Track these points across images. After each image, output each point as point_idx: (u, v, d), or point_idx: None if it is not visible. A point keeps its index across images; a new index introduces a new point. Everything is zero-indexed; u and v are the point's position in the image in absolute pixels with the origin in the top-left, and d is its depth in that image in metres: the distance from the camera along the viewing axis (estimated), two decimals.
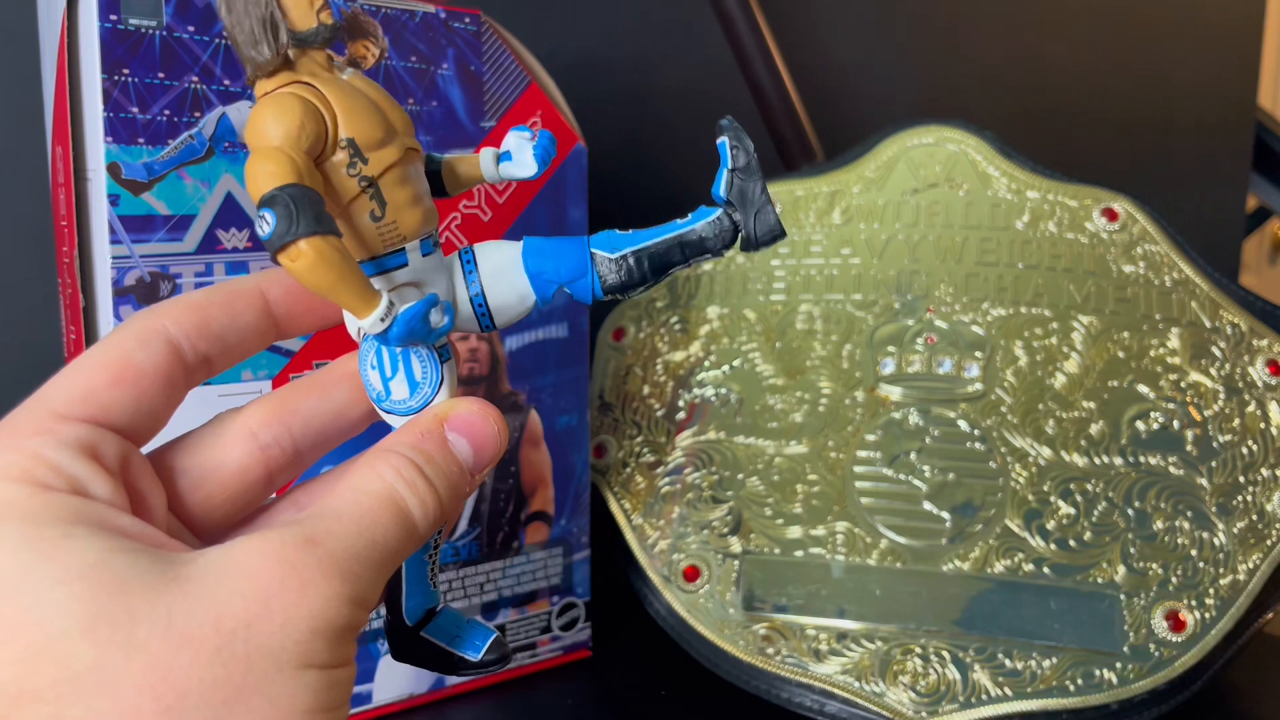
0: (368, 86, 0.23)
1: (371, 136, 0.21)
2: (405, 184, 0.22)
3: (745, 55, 0.58)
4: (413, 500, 0.21)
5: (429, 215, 0.23)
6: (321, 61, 0.22)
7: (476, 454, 0.23)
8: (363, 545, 0.20)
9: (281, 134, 0.20)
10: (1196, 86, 0.84)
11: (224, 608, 0.18)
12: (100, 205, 0.31)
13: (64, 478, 0.19)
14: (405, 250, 0.23)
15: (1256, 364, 0.41)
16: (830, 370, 0.43)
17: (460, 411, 0.23)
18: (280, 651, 0.18)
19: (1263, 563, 0.38)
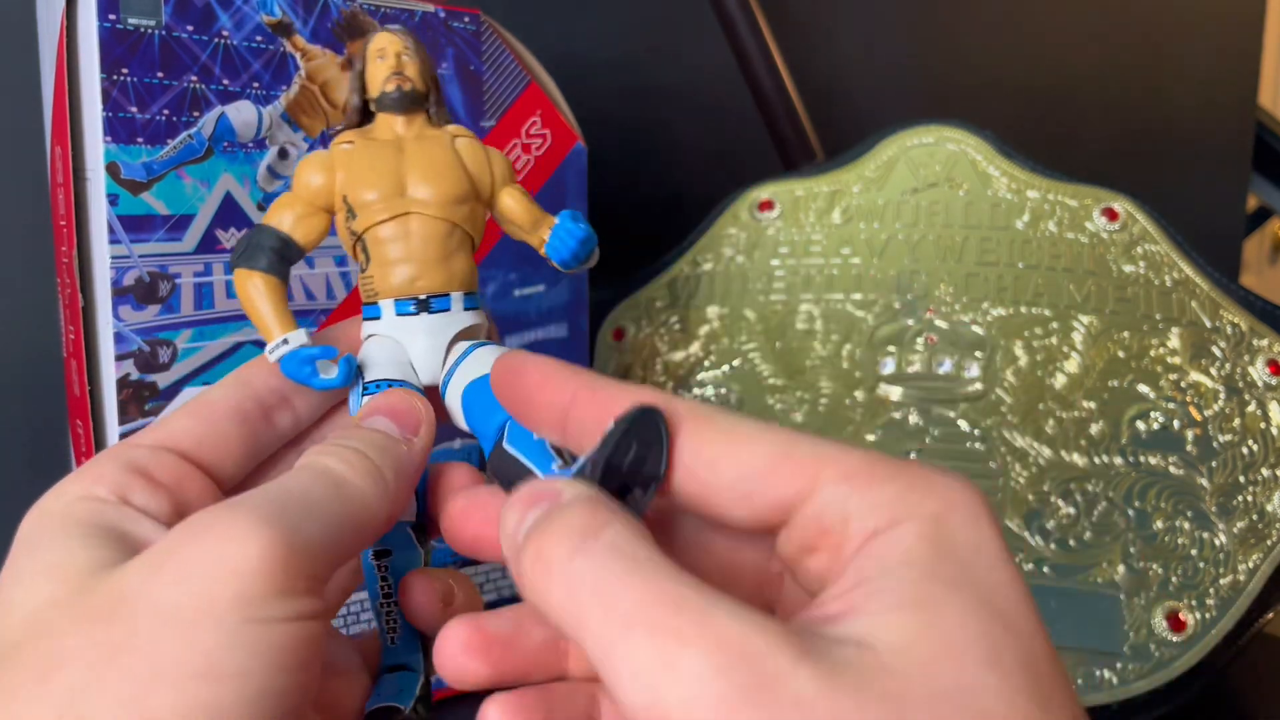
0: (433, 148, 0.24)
1: (362, 196, 0.24)
2: (391, 243, 0.24)
3: (745, 55, 0.58)
4: (336, 463, 0.21)
5: (413, 279, 0.24)
6: (394, 124, 0.25)
7: (396, 421, 0.23)
8: (279, 493, 0.19)
9: (295, 183, 0.24)
10: (1196, 86, 0.84)
11: (130, 574, 0.18)
12: (99, 205, 0.31)
13: (109, 486, 0.20)
14: (378, 304, 0.24)
15: (1256, 364, 0.41)
16: (830, 370, 0.43)
17: (367, 408, 0.23)
18: (170, 607, 0.17)
19: (1263, 563, 0.38)
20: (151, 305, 0.33)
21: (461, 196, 0.24)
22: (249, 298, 0.23)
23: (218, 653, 0.17)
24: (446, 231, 0.24)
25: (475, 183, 0.25)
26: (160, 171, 0.32)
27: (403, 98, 0.24)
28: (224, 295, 0.34)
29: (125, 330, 0.32)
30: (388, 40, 0.25)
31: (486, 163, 0.25)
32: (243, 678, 0.17)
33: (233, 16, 0.33)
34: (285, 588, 0.18)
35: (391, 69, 0.24)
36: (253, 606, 0.17)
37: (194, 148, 0.33)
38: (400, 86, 0.24)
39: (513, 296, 0.40)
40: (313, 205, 0.24)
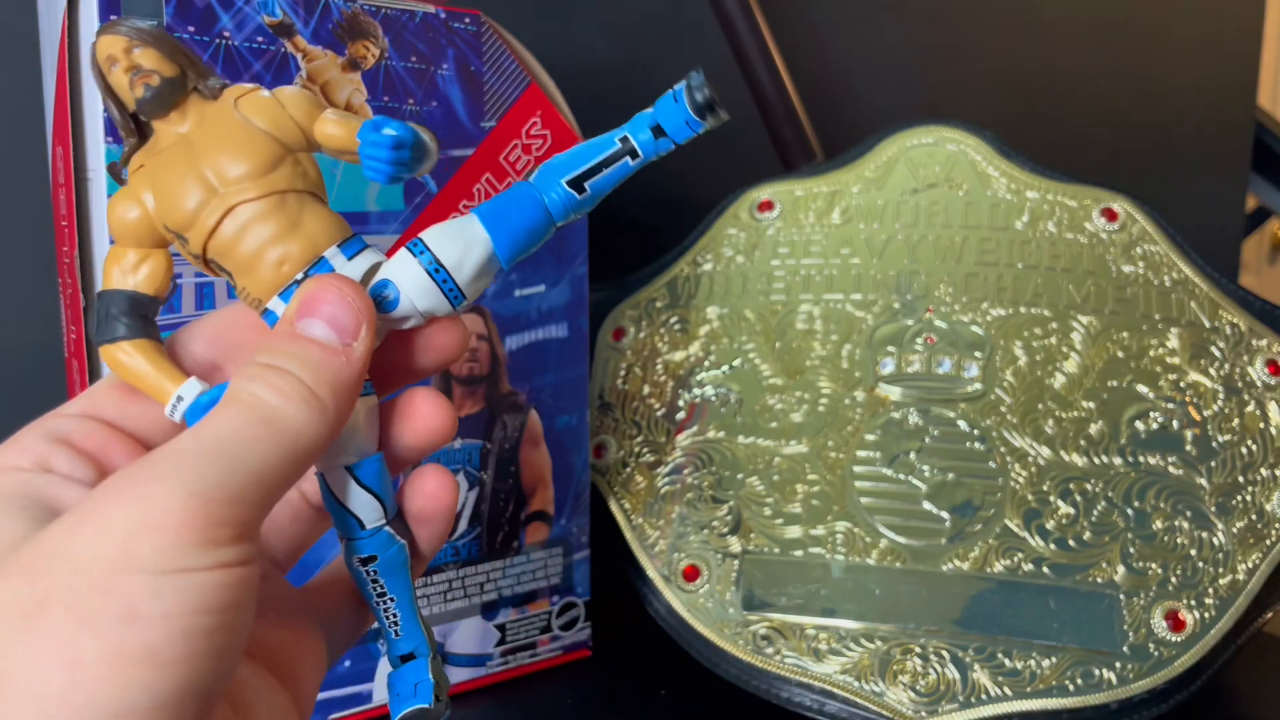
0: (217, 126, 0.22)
1: (177, 215, 0.21)
2: (236, 246, 0.21)
3: (745, 55, 0.58)
4: (267, 391, 0.20)
5: (279, 266, 0.22)
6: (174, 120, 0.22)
7: (332, 324, 0.21)
8: (203, 440, 0.18)
9: (111, 232, 0.22)
10: (1196, 87, 0.84)
11: (51, 533, 0.17)
12: (100, 205, 0.32)
13: (32, 457, 0.20)
14: (268, 309, 0.22)
15: (1256, 364, 0.41)
16: (830, 370, 0.43)
17: (302, 299, 0.21)
18: (90, 559, 0.17)
19: (1262, 562, 0.38)
20: None
21: (272, 161, 0.22)
22: (126, 372, 0.22)
23: (140, 599, 0.17)
24: (277, 202, 0.21)
25: (280, 137, 0.22)
26: None
27: (158, 95, 0.21)
28: (225, 296, 0.34)
29: None
30: (108, 44, 0.21)
31: (280, 109, 0.22)
32: (168, 619, 0.17)
33: (234, 17, 0.33)
34: (207, 539, 0.17)
35: (129, 70, 0.21)
36: (173, 559, 0.17)
37: None
38: (148, 85, 0.21)
39: (513, 296, 0.40)
40: (141, 246, 0.22)
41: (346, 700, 0.37)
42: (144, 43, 0.21)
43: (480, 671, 0.41)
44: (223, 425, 0.19)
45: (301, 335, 0.21)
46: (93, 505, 0.18)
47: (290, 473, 0.19)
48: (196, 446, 0.18)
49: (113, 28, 0.21)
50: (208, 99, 0.22)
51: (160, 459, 0.18)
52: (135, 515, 0.17)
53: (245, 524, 0.18)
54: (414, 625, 0.24)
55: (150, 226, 0.22)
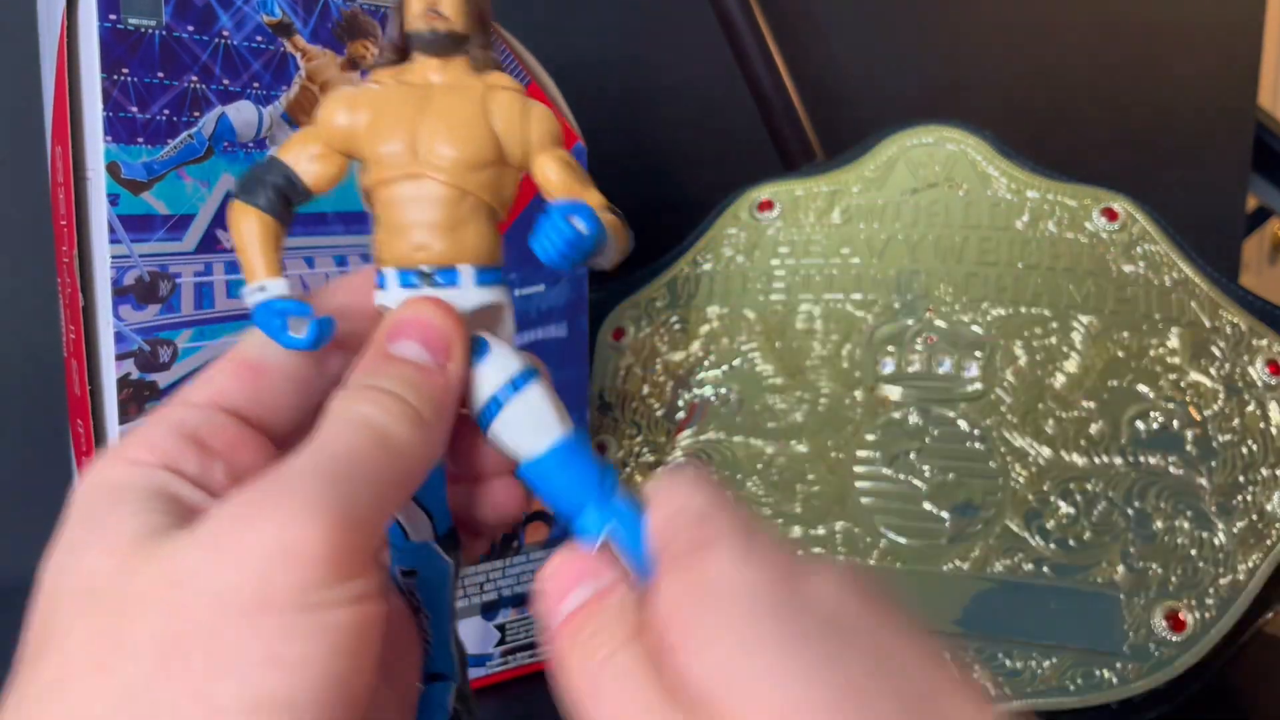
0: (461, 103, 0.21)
1: (377, 148, 0.21)
2: (397, 206, 0.21)
3: (745, 55, 0.58)
4: (375, 411, 0.19)
5: (415, 249, 0.21)
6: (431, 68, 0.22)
7: (427, 346, 0.21)
8: (324, 460, 0.18)
9: (317, 119, 0.22)
10: (1196, 86, 0.84)
11: (185, 554, 0.17)
12: (100, 205, 0.31)
13: (160, 455, 0.19)
14: (383, 272, 0.22)
15: (1256, 364, 0.41)
16: (830, 370, 0.43)
17: (393, 321, 0.21)
18: (229, 594, 0.16)
19: (1263, 562, 0.38)
20: (152, 305, 0.33)
21: (480, 161, 0.21)
22: (239, 234, 0.21)
23: (279, 641, 0.16)
24: (457, 198, 0.21)
25: (503, 146, 0.22)
26: (161, 171, 0.32)
27: (435, 39, 0.21)
28: (224, 295, 0.34)
29: (125, 330, 0.32)
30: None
31: (521, 122, 0.22)
32: (306, 665, 0.16)
33: (233, 17, 0.33)
34: (344, 570, 0.17)
35: (427, 3, 0.21)
36: (312, 593, 0.17)
37: (194, 148, 0.33)
38: (434, 28, 0.21)
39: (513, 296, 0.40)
40: (329, 146, 0.22)
41: None
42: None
43: (480, 671, 0.41)
44: (342, 447, 0.19)
45: (396, 356, 0.20)
46: (227, 529, 0.17)
47: (401, 496, 0.19)
48: (320, 467, 0.18)
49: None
50: (473, 68, 0.22)
51: (288, 480, 0.18)
52: (274, 547, 0.16)
53: (371, 550, 0.18)
54: (445, 648, 0.23)
55: (347, 137, 0.22)
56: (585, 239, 0.21)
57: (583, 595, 0.20)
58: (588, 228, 0.21)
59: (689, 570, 0.18)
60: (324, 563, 0.17)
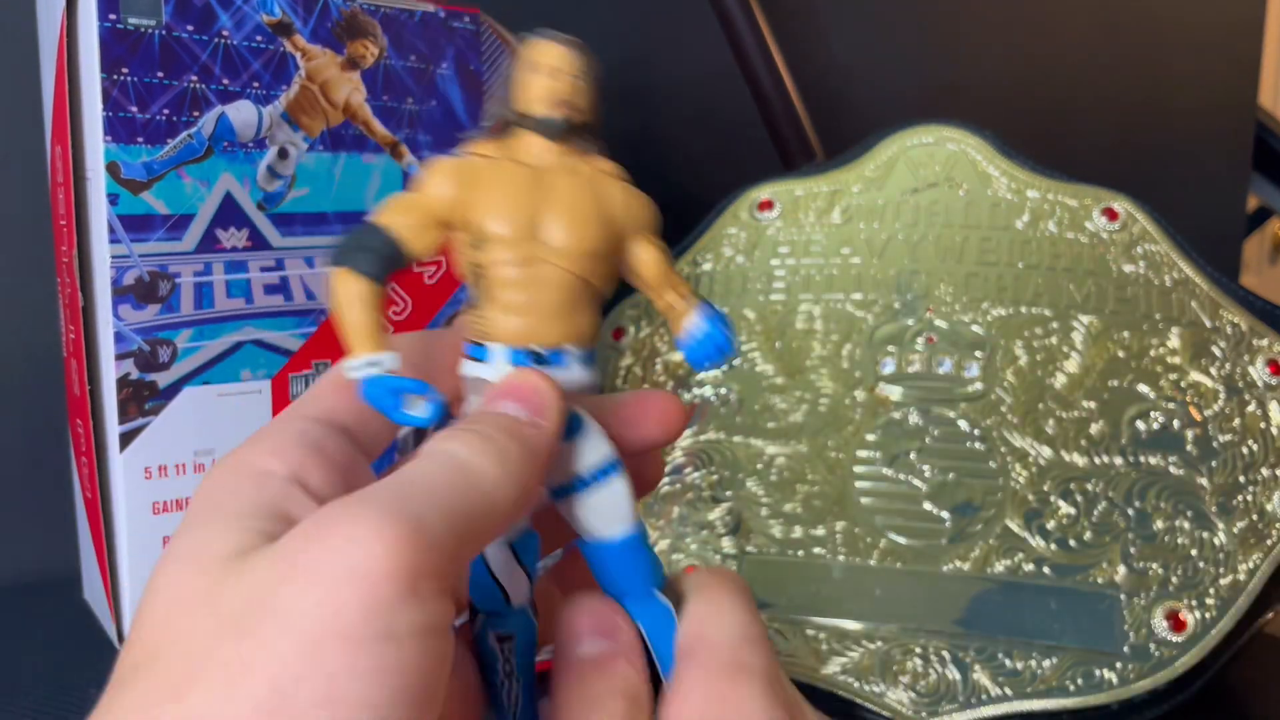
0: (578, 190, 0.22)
1: (491, 226, 0.21)
2: (513, 288, 0.21)
3: (745, 55, 0.58)
4: (459, 447, 0.19)
5: (531, 331, 0.22)
6: (539, 148, 0.22)
7: (526, 404, 0.21)
8: (404, 485, 0.18)
9: (422, 188, 0.22)
10: (1196, 86, 0.84)
11: (260, 573, 0.17)
12: (99, 204, 0.31)
13: (288, 463, 0.20)
14: (486, 347, 0.22)
15: (1257, 364, 0.41)
16: (830, 370, 0.43)
17: (501, 385, 0.21)
18: (296, 619, 0.16)
19: (1263, 562, 0.37)
20: (151, 305, 0.33)
21: (600, 251, 0.22)
22: (343, 302, 0.21)
23: (343, 679, 0.16)
24: (576, 284, 0.22)
25: (614, 234, 0.22)
26: (160, 171, 0.32)
27: (559, 129, 0.22)
28: (224, 295, 0.34)
29: (125, 330, 0.32)
30: (561, 58, 0.22)
31: (629, 210, 0.23)
32: (365, 707, 0.16)
33: (233, 16, 0.33)
34: (415, 589, 0.16)
35: (562, 95, 0.22)
36: (382, 616, 0.16)
37: (194, 147, 0.33)
38: (569, 118, 0.22)
39: None
40: (432, 217, 0.22)
41: None
42: (588, 82, 0.22)
43: None
44: (417, 472, 0.19)
45: (497, 410, 0.21)
46: (299, 547, 0.17)
47: (481, 529, 0.19)
48: (396, 489, 0.18)
49: (576, 48, 0.22)
50: (578, 155, 0.23)
51: (363, 500, 0.17)
52: (342, 564, 0.16)
53: (444, 576, 0.17)
54: (531, 711, 0.23)
55: (450, 209, 0.22)
56: (730, 343, 0.23)
57: (593, 649, 0.21)
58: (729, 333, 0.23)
59: (720, 691, 0.19)
60: (392, 579, 0.16)
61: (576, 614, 0.21)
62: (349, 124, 0.36)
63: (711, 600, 0.21)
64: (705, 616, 0.21)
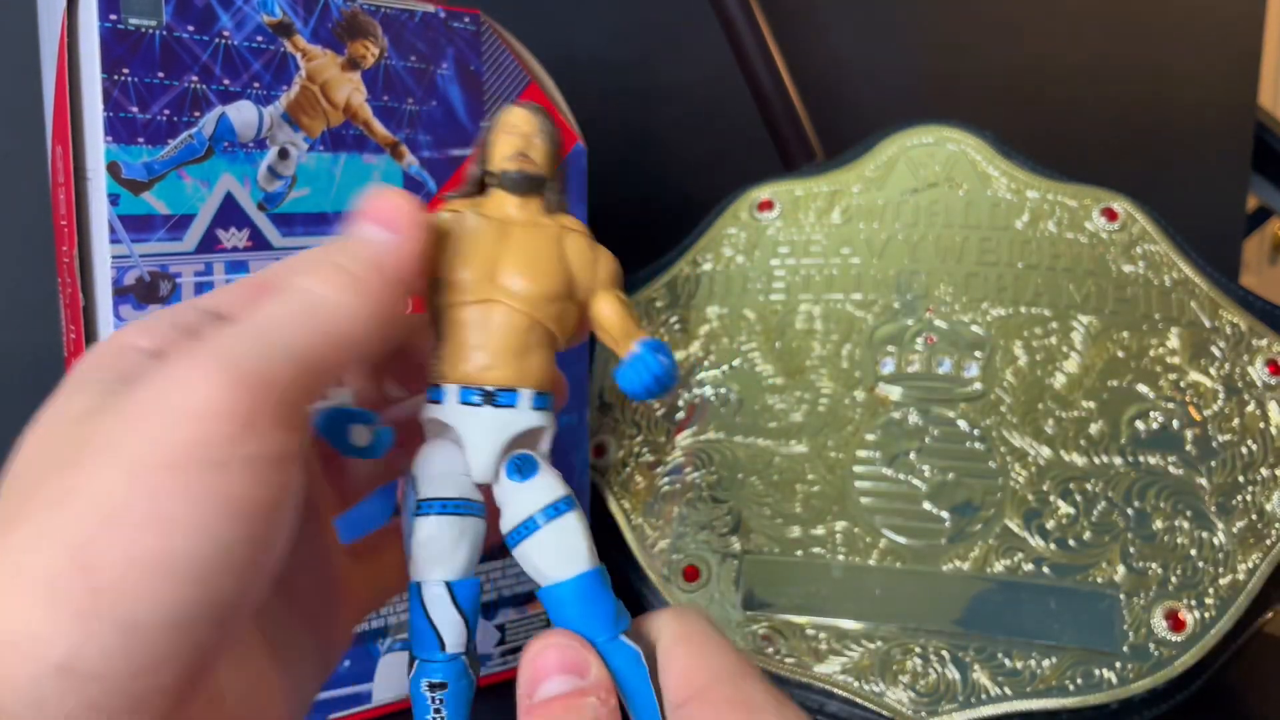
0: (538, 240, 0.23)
1: (451, 272, 0.23)
2: (467, 328, 0.22)
3: (745, 55, 0.58)
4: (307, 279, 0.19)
5: (483, 369, 0.22)
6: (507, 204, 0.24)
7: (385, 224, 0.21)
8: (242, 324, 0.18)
9: None
10: (1196, 86, 0.84)
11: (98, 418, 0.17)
12: (100, 205, 0.31)
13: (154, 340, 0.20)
14: (442, 388, 0.23)
15: (1256, 364, 0.41)
16: (830, 370, 0.43)
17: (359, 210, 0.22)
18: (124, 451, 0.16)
19: (1262, 562, 0.38)
20: (152, 305, 0.33)
21: (553, 295, 0.23)
22: None
23: (170, 501, 0.16)
24: (528, 326, 0.23)
25: (574, 282, 0.23)
26: (161, 171, 0.32)
27: (523, 180, 0.23)
28: None
29: None
30: (522, 118, 0.24)
31: (592, 264, 0.24)
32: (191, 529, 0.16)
33: (233, 16, 0.33)
34: (249, 425, 0.17)
35: (517, 148, 0.23)
36: (210, 448, 0.16)
37: (194, 148, 0.33)
38: (524, 170, 0.23)
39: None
40: None
41: (346, 700, 0.37)
42: (545, 140, 0.24)
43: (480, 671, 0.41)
44: (266, 314, 0.19)
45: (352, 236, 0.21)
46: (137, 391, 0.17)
47: (334, 355, 0.19)
48: (240, 332, 0.18)
49: (535, 112, 0.24)
50: (545, 209, 0.24)
51: (200, 345, 0.17)
52: (173, 404, 0.16)
53: (285, 407, 0.17)
54: None
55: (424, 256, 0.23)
56: (669, 374, 0.23)
57: (561, 686, 0.20)
58: (669, 363, 0.23)
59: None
60: (222, 419, 0.16)
61: (542, 650, 0.21)
62: (349, 124, 0.36)
63: (693, 639, 0.21)
64: (695, 657, 0.21)
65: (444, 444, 0.23)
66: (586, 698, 0.20)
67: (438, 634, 0.22)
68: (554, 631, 0.21)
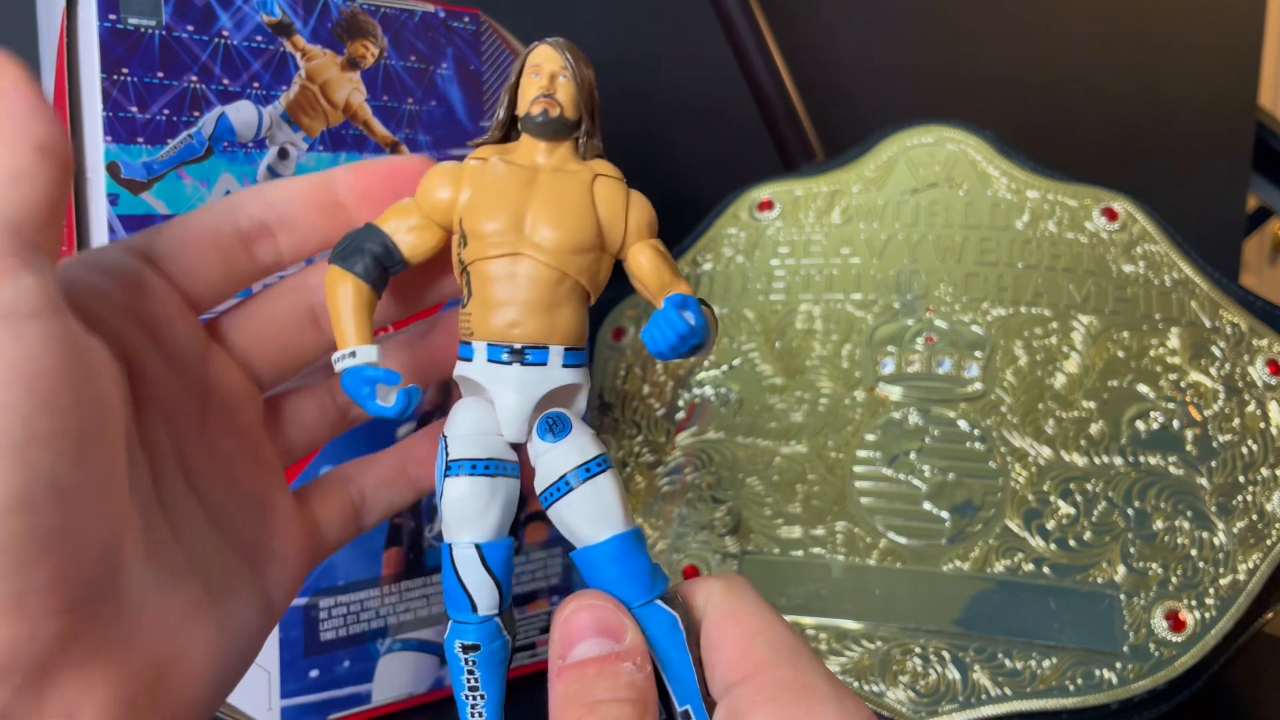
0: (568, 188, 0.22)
1: (478, 224, 0.22)
2: (494, 283, 0.22)
3: (745, 55, 0.58)
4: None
5: (510, 325, 0.22)
6: (536, 150, 0.23)
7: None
8: None
9: (419, 191, 0.23)
10: (1196, 86, 0.84)
11: None
12: (100, 204, 0.31)
13: None
14: (471, 345, 0.22)
15: (1256, 364, 0.41)
16: (830, 370, 0.43)
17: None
18: None
19: (1263, 562, 0.38)
20: None
21: (583, 246, 0.22)
22: (334, 298, 0.22)
23: None
24: (556, 279, 0.22)
25: (604, 232, 0.22)
26: (160, 171, 0.32)
27: (548, 124, 0.22)
28: None
29: None
30: (545, 56, 0.22)
31: (623, 211, 0.23)
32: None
33: (233, 16, 0.33)
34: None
35: (542, 89, 0.22)
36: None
37: (194, 147, 0.33)
38: (547, 111, 0.22)
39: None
40: (429, 219, 0.22)
41: (347, 700, 0.37)
42: (572, 78, 0.22)
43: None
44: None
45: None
46: None
47: None
48: None
49: (561, 48, 0.23)
50: (578, 157, 0.23)
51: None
52: None
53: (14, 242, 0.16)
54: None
55: (448, 211, 0.22)
56: (695, 331, 0.22)
57: (595, 649, 0.20)
58: (697, 321, 0.22)
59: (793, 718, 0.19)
60: None
61: (577, 610, 0.21)
62: (349, 124, 0.36)
63: (746, 616, 0.20)
64: (748, 635, 0.20)
65: (476, 402, 0.22)
66: (621, 663, 0.19)
67: (469, 596, 0.22)
68: (589, 592, 0.21)
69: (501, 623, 0.22)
